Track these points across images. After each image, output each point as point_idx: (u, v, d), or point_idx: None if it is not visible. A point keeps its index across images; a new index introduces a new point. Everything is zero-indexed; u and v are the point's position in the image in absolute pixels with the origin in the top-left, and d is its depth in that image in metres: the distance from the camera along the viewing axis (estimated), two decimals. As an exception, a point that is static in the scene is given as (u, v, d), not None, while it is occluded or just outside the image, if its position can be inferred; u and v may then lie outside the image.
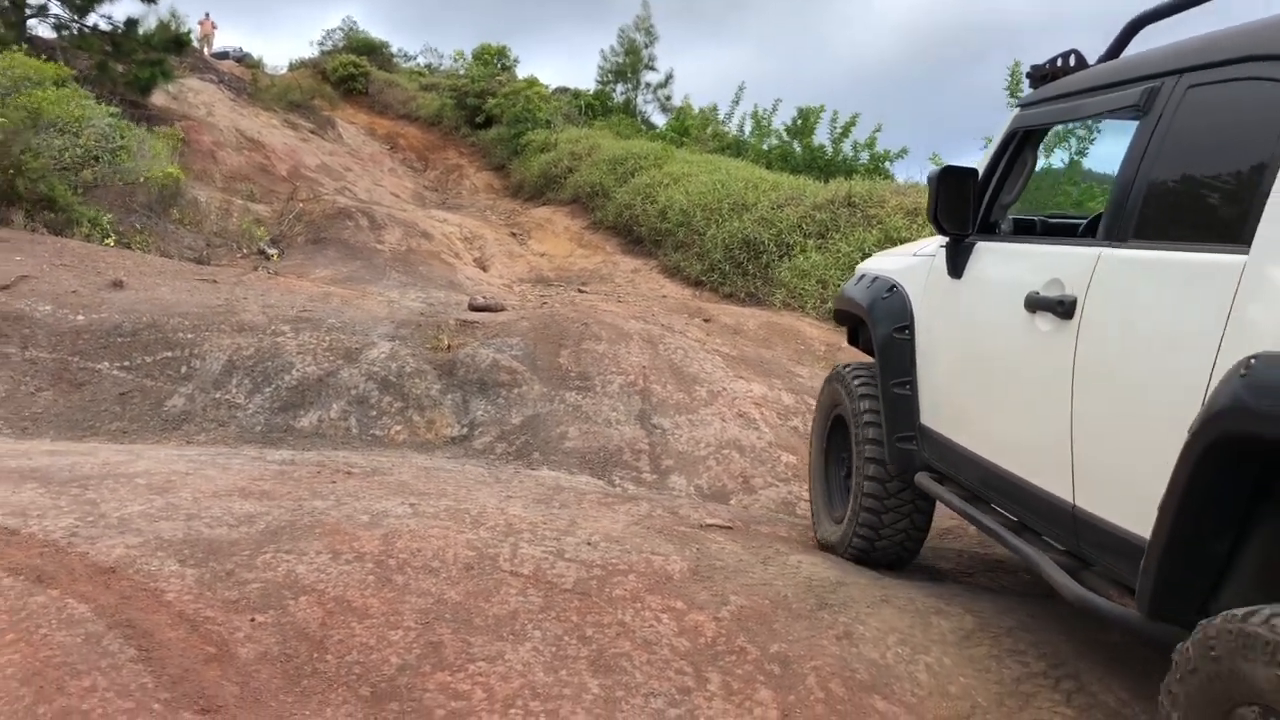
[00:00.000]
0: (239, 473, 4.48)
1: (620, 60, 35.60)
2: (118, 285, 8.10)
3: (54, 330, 7.26)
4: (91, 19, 15.92)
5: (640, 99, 35.70)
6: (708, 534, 4.24)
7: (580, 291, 12.55)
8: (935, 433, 3.74)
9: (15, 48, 10.35)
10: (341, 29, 35.69)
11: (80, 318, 7.40)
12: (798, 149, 19.89)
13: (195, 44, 29.82)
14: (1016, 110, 3.66)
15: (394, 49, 36.61)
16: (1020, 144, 3.63)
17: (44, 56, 13.10)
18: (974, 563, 4.69)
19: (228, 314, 7.65)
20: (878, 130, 19.56)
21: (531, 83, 26.71)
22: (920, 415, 3.88)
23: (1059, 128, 3.69)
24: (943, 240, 3.76)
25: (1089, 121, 3.59)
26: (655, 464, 6.20)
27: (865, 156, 19.44)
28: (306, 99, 25.18)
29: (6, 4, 13.99)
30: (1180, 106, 2.69)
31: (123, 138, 11.09)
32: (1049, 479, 2.91)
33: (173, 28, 17.15)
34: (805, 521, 5.16)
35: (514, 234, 17.20)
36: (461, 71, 32.51)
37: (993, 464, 3.26)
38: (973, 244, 3.60)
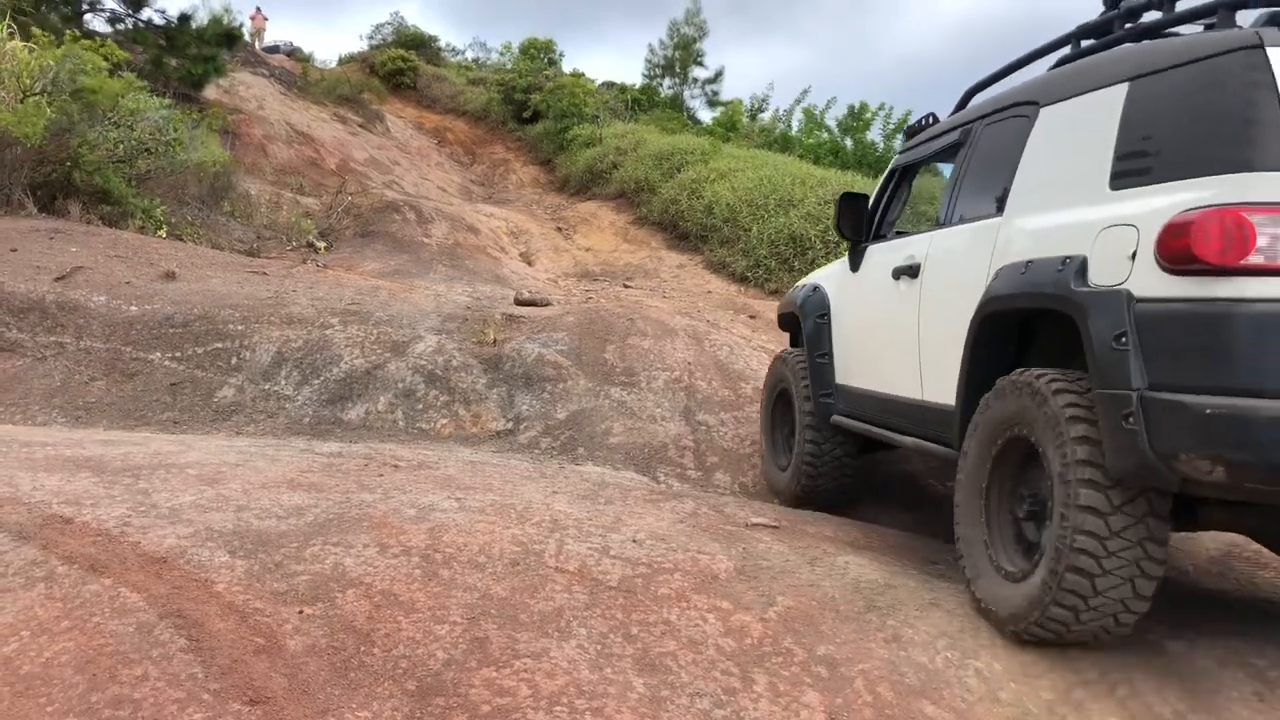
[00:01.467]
0: (288, 464, 4.52)
1: (669, 54, 35.49)
2: (170, 276, 8.22)
3: (108, 320, 7.38)
4: (145, 13, 16.18)
5: (688, 94, 35.57)
6: (754, 533, 4.20)
7: (625, 287, 12.54)
8: (844, 386, 5.33)
9: (80, 40, 10.54)
10: (391, 23, 35.91)
11: (133, 308, 7.51)
12: (849, 145, 19.72)
13: (247, 38, 30.27)
14: (897, 156, 5.39)
15: (442, 43, 36.80)
16: (899, 178, 5.31)
17: (124, 55, 13.37)
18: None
19: (277, 306, 7.73)
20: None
21: (578, 77, 26.74)
22: (835, 377, 5.44)
23: (923, 162, 5.29)
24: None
25: (939, 158, 5.16)
26: (700, 461, 6.17)
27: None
28: (355, 93, 25.38)
29: (63, 1, 14.23)
30: (980, 139, 4.40)
31: (176, 130, 11.24)
32: (909, 388, 4.48)
33: (225, 22, 17.35)
34: (853, 521, 5.11)
35: (559, 229, 17.22)
36: (509, 66, 32.61)
37: (878, 392, 4.88)
38: (866, 247, 5.24)
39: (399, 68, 30.22)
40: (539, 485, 4.64)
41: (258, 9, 33.69)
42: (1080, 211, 3.48)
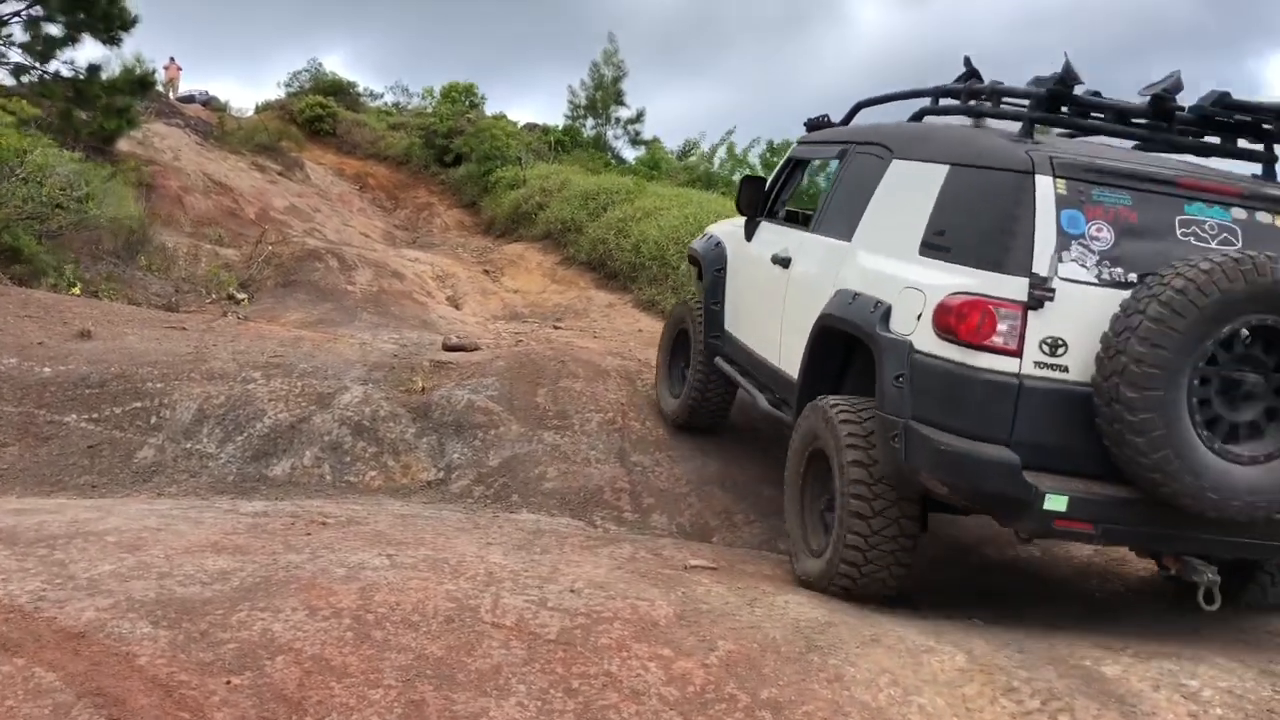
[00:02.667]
0: (211, 527, 4.39)
1: (591, 94, 35.70)
2: (85, 335, 7.97)
3: (19, 383, 7.11)
4: (53, 65, 15.79)
5: (611, 134, 35.83)
6: (693, 575, 4.18)
7: (555, 327, 12.50)
8: (730, 334, 6.30)
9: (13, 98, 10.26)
10: (308, 70, 35.63)
11: (47, 369, 7.26)
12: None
13: (160, 88, 29.76)
14: (795, 144, 6.46)
15: (361, 89, 36.60)
16: (793, 168, 6.28)
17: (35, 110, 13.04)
18: (964, 596, 4.66)
19: (197, 362, 7.53)
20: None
21: (499, 120, 26.80)
22: (724, 323, 6.38)
23: (813, 160, 6.30)
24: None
25: (823, 161, 6.19)
26: (636, 503, 6.15)
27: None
28: (274, 141, 25.08)
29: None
30: (851, 161, 5.23)
31: (87, 184, 10.97)
32: (770, 353, 5.49)
33: (137, 71, 17.01)
34: (787, 558, 5.12)
35: (487, 271, 17.15)
36: (429, 110, 32.55)
37: (751, 348, 5.86)
38: (759, 222, 6.20)
39: (318, 114, 29.95)
40: (473, 537, 4.57)
41: (171, 59, 33.20)
42: (896, 265, 4.34)
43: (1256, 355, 3.70)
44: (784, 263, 5.44)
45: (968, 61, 4.88)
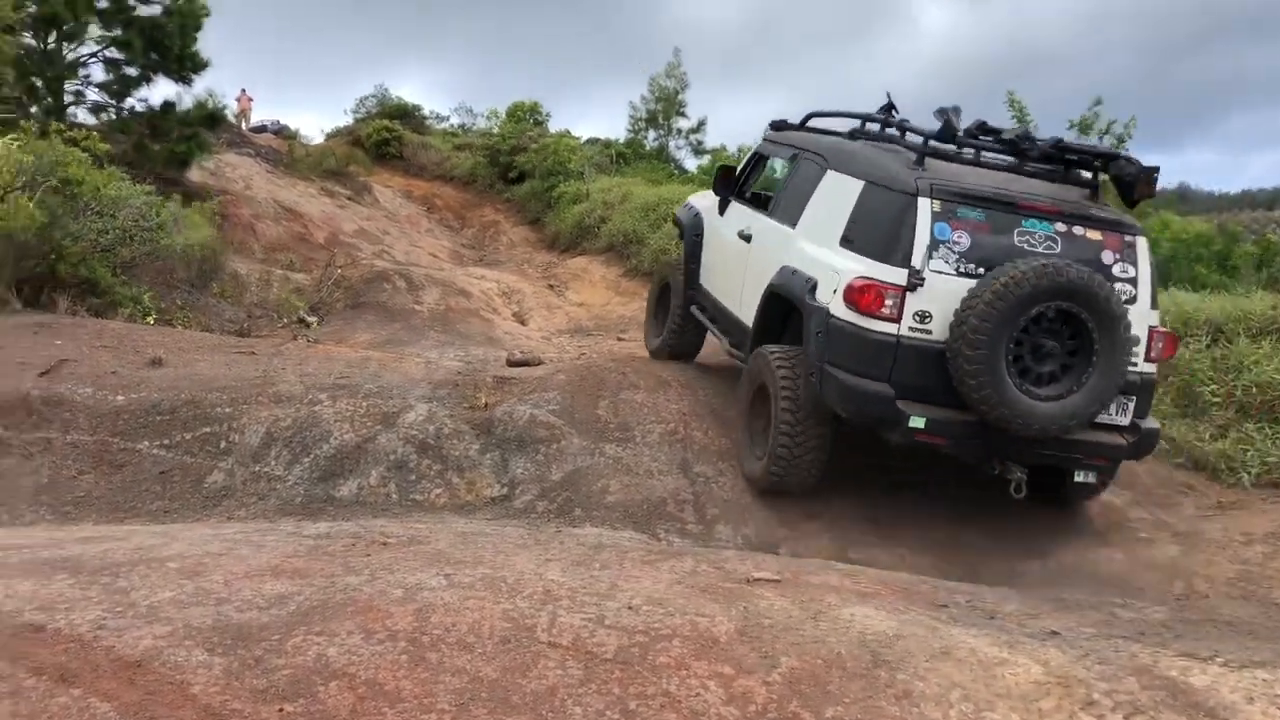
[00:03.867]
0: (273, 550, 4.39)
1: (652, 107, 35.91)
2: (157, 363, 8.13)
3: (94, 412, 7.28)
4: (129, 102, 16.31)
5: (673, 144, 35.93)
6: (755, 589, 4.06)
7: (619, 340, 12.46)
8: (703, 287, 7.92)
9: (65, 133, 10.55)
10: (375, 95, 36.30)
11: (120, 398, 7.42)
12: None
13: (233, 119, 30.54)
14: (762, 140, 7.98)
15: (427, 111, 37.16)
16: (757, 161, 7.84)
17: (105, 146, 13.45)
18: (1039, 604, 4.46)
19: (265, 385, 7.63)
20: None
21: (561, 136, 26.93)
22: (700, 279, 8.01)
23: (773, 156, 7.82)
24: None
25: (779, 158, 7.68)
26: (700, 514, 6.04)
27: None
28: (342, 166, 25.55)
29: (46, 94, 14.34)
30: (799, 165, 6.75)
31: (158, 214, 11.23)
32: (733, 306, 7.03)
33: (209, 106, 17.47)
34: (859, 567, 4.98)
35: (551, 286, 17.20)
36: (495, 130, 32.91)
37: (720, 302, 7.41)
38: (730, 202, 7.65)
39: (384, 138, 30.47)
40: (532, 554, 4.51)
41: (243, 91, 34.06)
42: (823, 252, 5.96)
43: (1056, 328, 5.45)
44: (747, 238, 7.10)
45: (888, 96, 6.76)
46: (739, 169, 7.84)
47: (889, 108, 6.69)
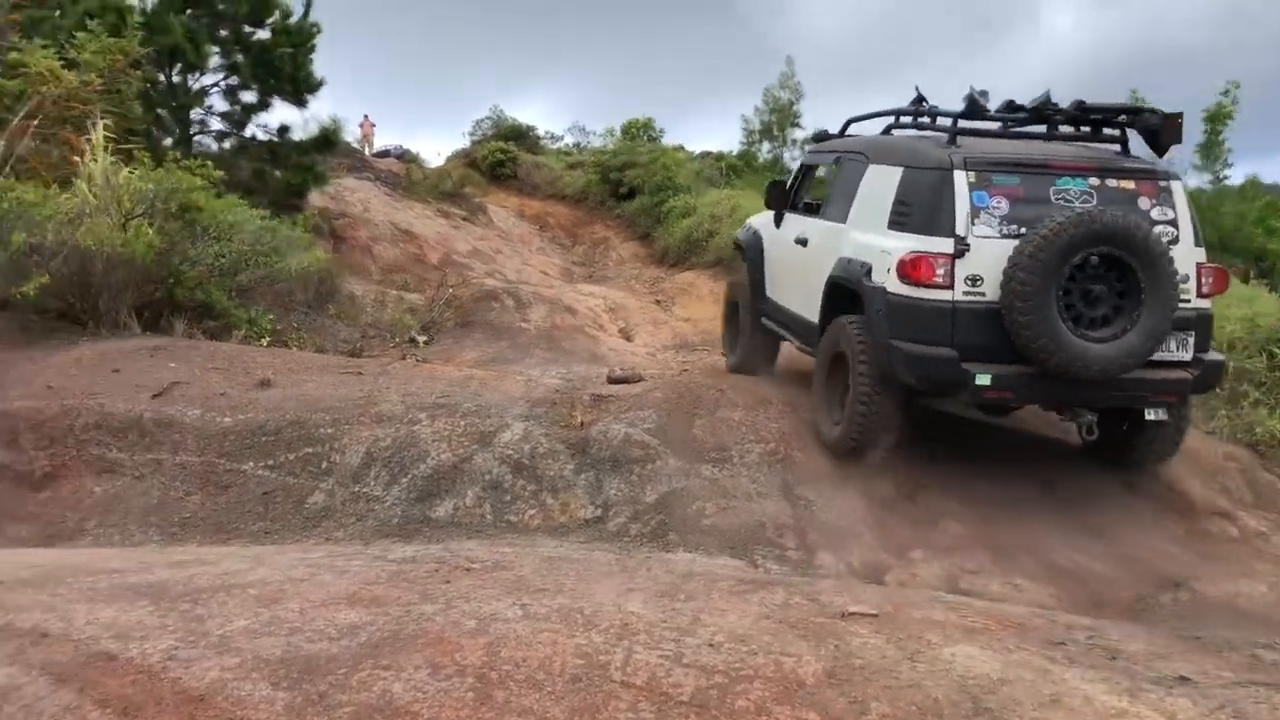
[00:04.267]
0: (354, 576, 4.33)
1: (765, 119, 35.64)
2: (265, 384, 8.28)
3: (202, 433, 7.44)
4: (249, 129, 16.89)
5: (788, 155, 35.51)
6: (849, 625, 3.79)
7: (724, 355, 12.22)
8: (769, 299, 8.24)
9: (205, 163, 10.95)
10: (490, 117, 36.94)
11: (227, 419, 7.57)
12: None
13: (355, 145, 31.50)
14: (806, 154, 8.70)
15: (541, 132, 37.63)
16: (805, 172, 8.35)
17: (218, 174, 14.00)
18: (1170, 642, 4.05)
19: (368, 405, 7.68)
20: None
21: (671, 150, 26.88)
22: (765, 291, 8.35)
23: (818, 165, 8.35)
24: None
25: (828, 165, 7.97)
26: (801, 539, 5.76)
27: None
28: (457, 188, 26.00)
29: (173, 124, 14.97)
30: (844, 165, 7.15)
31: (274, 237, 11.53)
32: (798, 307, 7.36)
33: (329, 127, 17.94)
34: (968, 600, 4.65)
35: (658, 301, 17.07)
36: (610, 147, 33.10)
37: (786, 307, 7.75)
38: (784, 214, 8.12)
39: (499, 159, 30.91)
40: (615, 582, 4.33)
41: (365, 117, 35.15)
42: (873, 238, 6.37)
43: (1102, 273, 5.78)
44: (803, 242, 7.56)
45: (917, 89, 7.26)
46: (789, 182, 8.45)
47: (919, 100, 7.18)
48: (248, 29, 16.25)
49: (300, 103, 16.72)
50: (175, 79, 15.50)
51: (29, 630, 3.52)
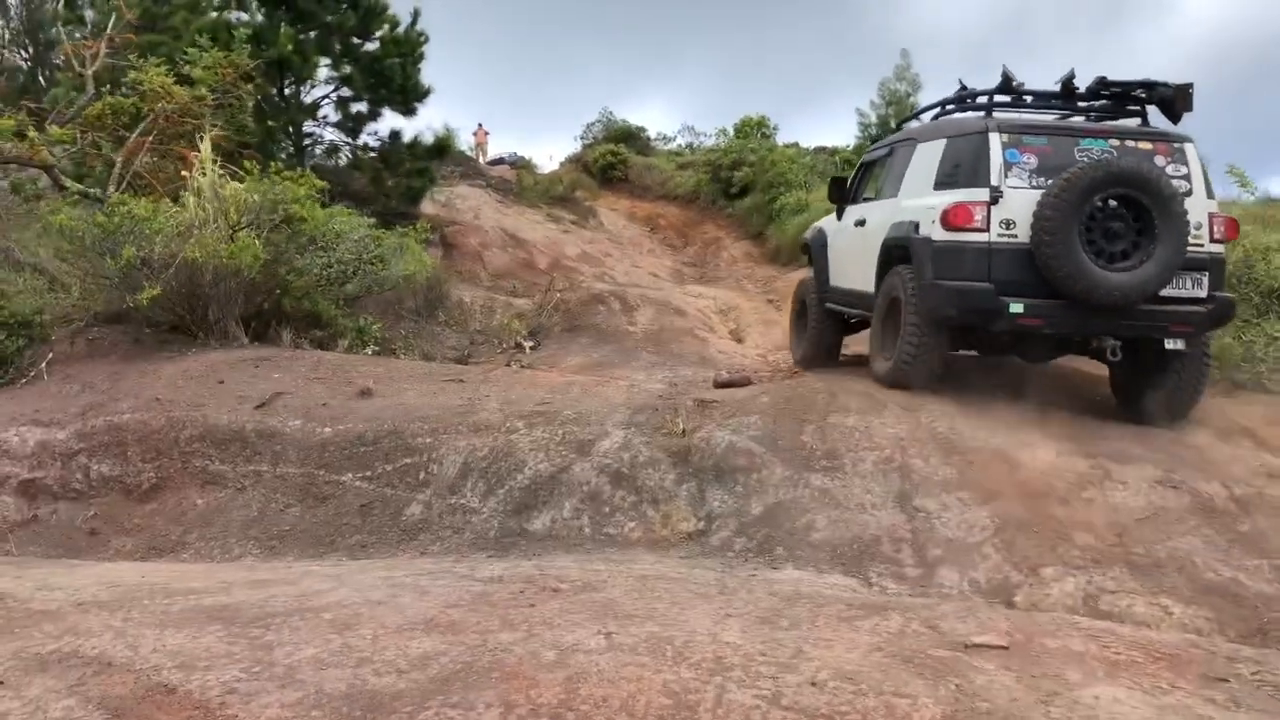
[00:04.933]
0: (435, 598, 4.09)
1: (881, 112, 34.79)
2: (366, 394, 8.21)
3: (302, 445, 7.38)
4: (361, 138, 17.10)
5: (906, 149, 34.29)
6: (973, 658, 3.35)
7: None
8: (832, 285, 9.03)
9: (308, 174, 11.05)
10: (600, 120, 36.94)
11: (327, 430, 7.50)
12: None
13: (469, 153, 31.89)
14: (864, 155, 9.43)
15: (652, 133, 37.44)
16: (864, 170, 9.00)
17: (321, 184, 14.19)
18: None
19: (466, 414, 7.51)
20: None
21: (773, 147, 26.37)
22: (829, 281, 9.12)
23: (875, 160, 8.97)
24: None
25: (881, 159, 8.72)
26: (920, 555, 5.30)
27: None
28: (568, 192, 26.01)
29: (284, 137, 15.25)
30: (896, 152, 8.11)
31: (379, 245, 11.54)
32: (859, 283, 8.11)
33: (442, 136, 18.06)
34: (1111, 626, 4.13)
35: (770, 301, 16.60)
36: (723, 146, 32.74)
37: (849, 288, 8.49)
38: (844, 207, 9.00)
39: (610, 162, 30.86)
40: (712, 606, 3.98)
41: (479, 125, 35.60)
42: (922, 199, 7.20)
43: (1120, 212, 6.55)
44: (862, 223, 8.47)
45: (960, 82, 8.09)
46: (849, 180, 9.26)
47: (962, 88, 8.05)
48: (356, 40, 16.47)
49: (410, 111, 16.88)
50: (287, 91, 15.78)
51: (94, 658, 3.38)
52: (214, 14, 14.16)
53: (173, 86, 12.25)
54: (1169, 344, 6.82)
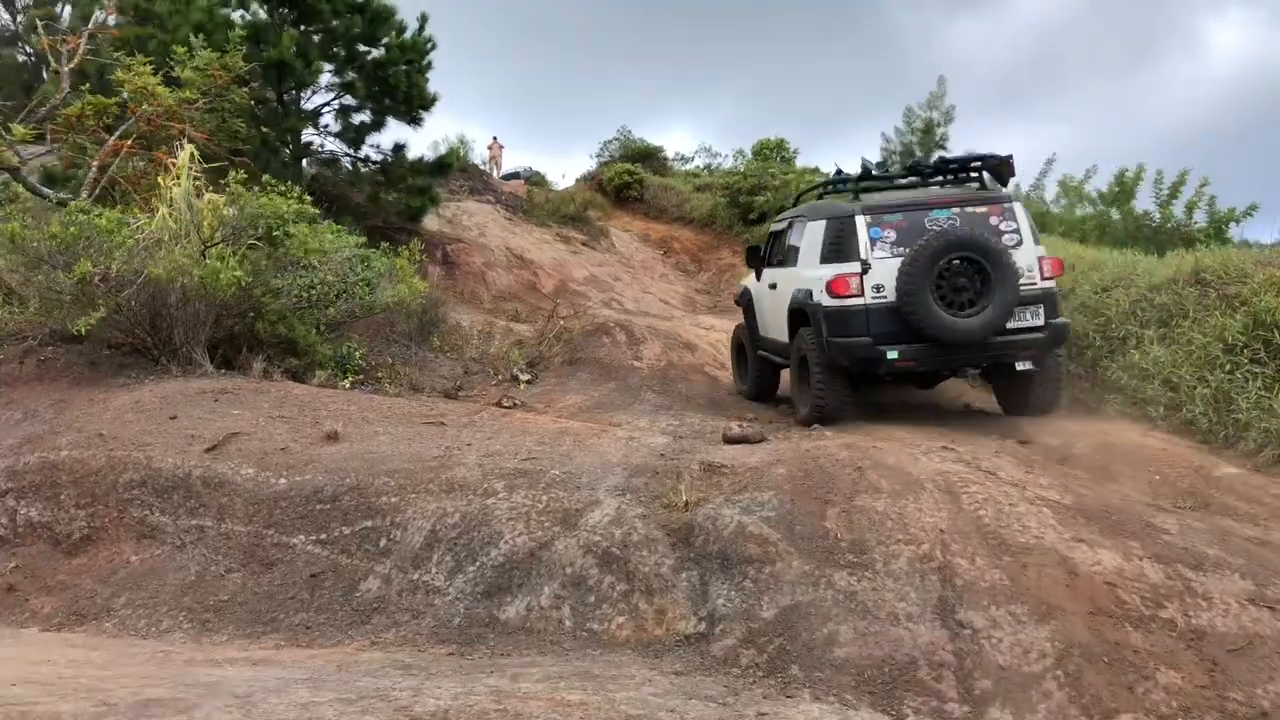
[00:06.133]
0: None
1: (906, 140, 34.11)
2: (332, 438, 7.32)
3: (253, 497, 6.50)
4: (363, 150, 16.28)
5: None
6: None
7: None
8: (761, 335, 10.67)
9: (295, 189, 10.19)
10: (617, 138, 36.14)
11: (282, 481, 6.61)
12: (1116, 217, 17.12)
13: (483, 167, 31.09)
14: (772, 224, 11.38)
15: (670, 153, 36.61)
16: (774, 238, 10.66)
17: (319, 199, 13.38)
18: None
19: (440, 469, 6.62)
20: (1204, 185, 16.56)
21: (790, 170, 25.56)
22: (759, 331, 10.73)
23: (780, 229, 10.47)
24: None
25: (784, 229, 10.27)
26: (965, 686, 4.36)
27: (1202, 218, 16.41)
28: (580, 211, 25.17)
29: (279, 145, 14.37)
30: (792, 227, 10.04)
31: (366, 267, 10.68)
32: (779, 335, 9.85)
33: (447, 151, 17.26)
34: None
35: (787, 337, 15.68)
36: (740, 169, 31.93)
37: (774, 339, 10.14)
38: (761, 270, 10.73)
39: (625, 181, 29.99)
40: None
41: (494, 139, 34.78)
42: (813, 270, 8.86)
43: (964, 270, 8.23)
44: (774, 286, 10.02)
45: (837, 167, 11.20)
46: (762, 247, 11.02)
47: (839, 173, 10.51)
48: (362, 47, 15.67)
49: (415, 121, 16.07)
50: (287, 97, 14.96)
51: None
52: (209, 9, 13.30)
53: (158, 87, 11.45)
54: (1019, 365, 8.62)
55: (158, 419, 7.62)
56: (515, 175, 33.88)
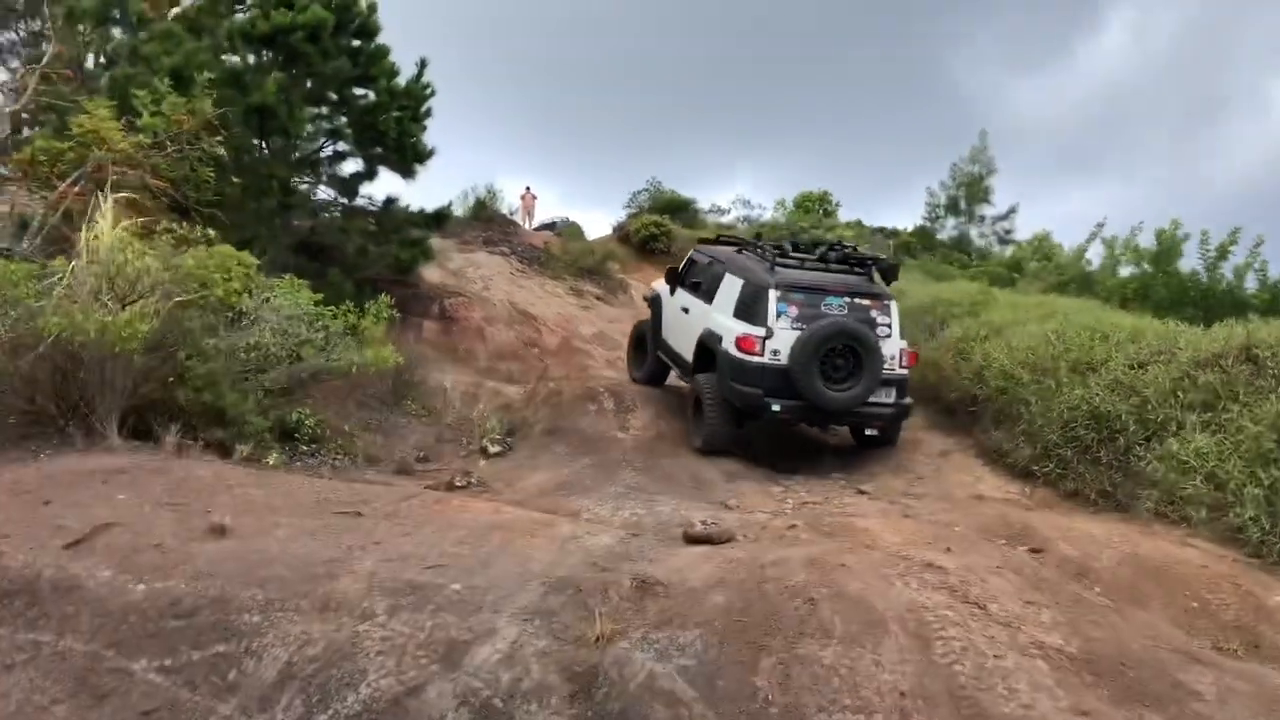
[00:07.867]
0: None
1: (952, 193, 33.53)
2: (218, 532, 6.30)
3: (102, 608, 5.48)
4: (358, 200, 15.49)
5: (975, 233, 32.99)
6: None
7: (859, 492, 9.58)
8: (663, 339, 13.05)
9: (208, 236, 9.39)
10: (647, 189, 35.39)
11: (140, 588, 5.59)
12: (1158, 277, 15.79)
13: (514, 217, 30.37)
14: (693, 250, 13.58)
15: (705, 205, 35.80)
16: (690, 261, 13.07)
17: (307, 252, 12.55)
18: None
19: (325, 577, 5.58)
20: (1259, 244, 15.24)
21: (833, 225, 24.45)
22: (662, 333, 13.09)
23: (699, 261, 12.66)
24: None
25: (705, 266, 12.37)
26: None
27: (1254, 282, 15.05)
28: (599, 263, 24.26)
29: (262, 194, 13.57)
30: (712, 267, 12.15)
31: (326, 328, 9.75)
32: (682, 351, 12.21)
33: (489, 203, 16.42)
34: None
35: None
36: (782, 221, 31.07)
37: (675, 350, 12.58)
38: (675, 288, 12.84)
39: (651, 234, 29.16)
40: None
41: (527, 188, 34.19)
42: (725, 320, 11.01)
43: (843, 352, 10.39)
44: (686, 310, 12.14)
45: (758, 236, 14.93)
46: (680, 268, 12.88)
47: (758, 237, 14.04)
48: (358, 91, 14.95)
49: (408, 174, 15.25)
50: (271, 144, 14.21)
51: None
52: (188, 54, 12.60)
53: (113, 131, 10.71)
54: (868, 431, 11.15)
55: (30, 503, 6.67)
56: (551, 226, 33.19)
